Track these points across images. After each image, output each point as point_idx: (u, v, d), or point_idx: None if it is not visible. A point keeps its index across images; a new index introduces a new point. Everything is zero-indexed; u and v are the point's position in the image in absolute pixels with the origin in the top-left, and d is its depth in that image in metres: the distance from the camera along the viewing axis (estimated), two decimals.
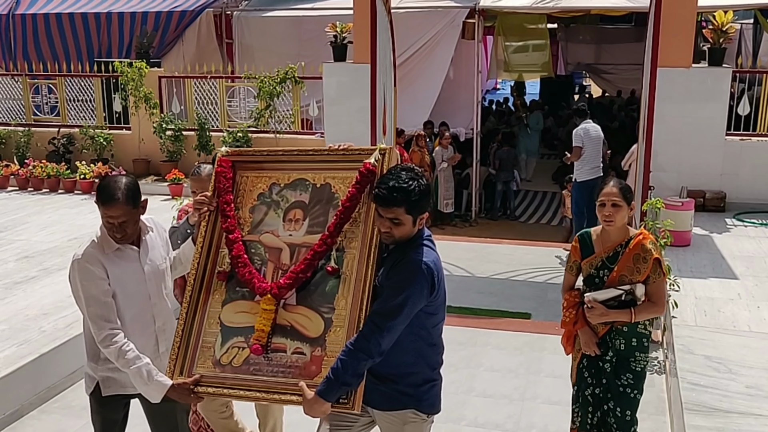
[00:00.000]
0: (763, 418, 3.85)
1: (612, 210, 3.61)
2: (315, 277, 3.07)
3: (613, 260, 3.66)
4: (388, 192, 2.87)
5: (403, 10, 11.69)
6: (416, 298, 2.88)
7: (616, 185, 3.66)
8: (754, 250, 7.01)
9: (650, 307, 3.61)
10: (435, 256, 3.00)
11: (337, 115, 9.30)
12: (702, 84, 8.27)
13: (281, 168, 3.31)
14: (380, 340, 2.84)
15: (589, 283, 3.75)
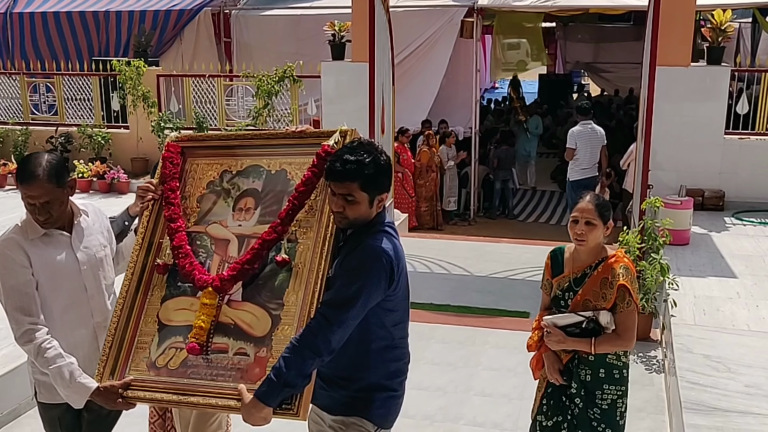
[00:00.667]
0: (762, 417, 3.85)
1: (585, 228, 3.25)
2: (264, 270, 2.80)
3: (579, 282, 3.32)
4: (341, 164, 2.59)
5: (402, 9, 11.69)
6: (372, 289, 2.58)
7: (592, 201, 3.30)
8: (752, 248, 7.00)
9: (614, 340, 3.24)
10: (395, 245, 2.69)
11: (335, 113, 9.27)
12: (701, 83, 8.26)
13: (234, 154, 3.08)
14: (330, 335, 2.53)
15: (555, 305, 3.43)
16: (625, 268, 3.26)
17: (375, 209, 2.68)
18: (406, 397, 4.85)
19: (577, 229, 3.28)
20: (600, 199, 3.35)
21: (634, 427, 4.54)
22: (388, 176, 2.70)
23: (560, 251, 3.49)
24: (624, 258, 3.33)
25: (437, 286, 7.38)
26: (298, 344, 2.52)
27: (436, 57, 12.44)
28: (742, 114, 8.63)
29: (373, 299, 2.60)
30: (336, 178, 2.60)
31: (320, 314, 2.57)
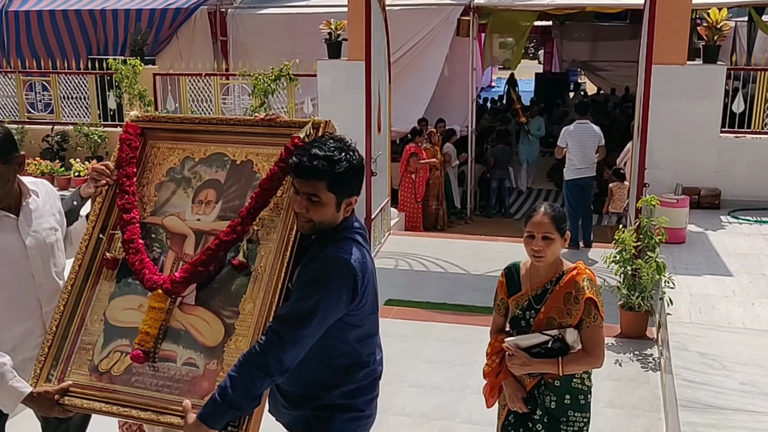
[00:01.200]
0: (757, 415, 3.86)
1: (542, 244, 3.01)
2: (221, 272, 2.55)
3: (540, 299, 3.09)
4: (308, 159, 2.34)
5: (398, 8, 11.69)
6: (331, 305, 2.34)
7: (547, 213, 3.05)
8: (748, 247, 7.02)
9: (583, 358, 3.03)
10: (363, 254, 2.45)
11: (331, 112, 9.27)
12: (696, 81, 8.27)
13: (199, 139, 2.81)
14: (282, 354, 2.27)
15: (514, 326, 3.18)
16: (589, 281, 3.05)
17: (342, 213, 2.45)
18: (403, 395, 4.88)
19: (533, 245, 3.04)
20: (555, 210, 3.11)
21: (630, 425, 4.55)
22: (360, 178, 2.47)
23: (515, 268, 3.24)
24: (586, 270, 3.12)
25: (434, 285, 7.38)
26: (246, 362, 2.28)
27: (432, 55, 12.44)
28: (738, 112, 8.64)
29: (333, 315, 2.37)
30: (301, 175, 2.36)
31: (272, 331, 2.31)
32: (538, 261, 3.06)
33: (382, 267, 7.99)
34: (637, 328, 5.73)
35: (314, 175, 2.34)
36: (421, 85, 12.52)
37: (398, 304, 6.79)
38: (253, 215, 2.55)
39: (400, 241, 8.94)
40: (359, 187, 2.51)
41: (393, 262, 8.17)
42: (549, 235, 3.02)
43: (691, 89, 8.25)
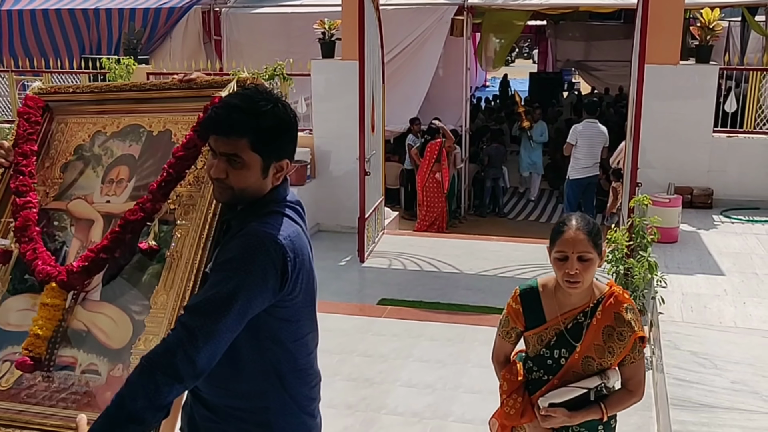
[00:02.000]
0: (747, 413, 3.87)
1: (579, 267, 2.53)
2: (132, 261, 2.16)
3: (573, 335, 2.63)
4: (225, 111, 1.95)
5: (392, 7, 11.69)
6: (254, 290, 1.91)
7: (582, 228, 2.56)
8: (740, 246, 7.04)
9: (627, 399, 2.70)
10: (296, 232, 2.05)
11: (325, 111, 9.29)
12: (689, 81, 8.30)
13: (112, 111, 2.45)
14: (193, 353, 1.81)
15: (537, 363, 2.72)
16: (632, 311, 2.62)
17: (271, 180, 2.05)
18: (395, 394, 4.89)
19: (568, 269, 2.53)
20: (590, 223, 2.62)
21: (621, 424, 4.53)
22: (292, 138, 2.07)
23: (533, 292, 2.72)
24: (624, 294, 2.66)
25: (427, 284, 7.39)
26: (149, 364, 1.81)
27: (426, 55, 12.45)
28: (731, 112, 8.67)
29: (257, 304, 1.94)
30: (218, 130, 1.95)
31: (181, 324, 1.86)
32: (573, 288, 2.56)
33: (376, 266, 8.01)
34: None
35: (233, 129, 1.93)
36: (415, 84, 12.53)
37: (391, 303, 6.80)
38: (165, 190, 2.17)
39: (394, 241, 8.94)
40: (292, 150, 2.09)
41: (386, 261, 8.18)
42: (587, 255, 2.53)
43: (684, 89, 8.28)
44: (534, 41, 28.20)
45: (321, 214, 9.34)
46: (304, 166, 9.06)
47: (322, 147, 9.37)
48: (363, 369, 5.28)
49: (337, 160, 9.32)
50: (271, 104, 1.99)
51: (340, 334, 5.89)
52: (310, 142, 9.43)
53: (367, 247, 8.22)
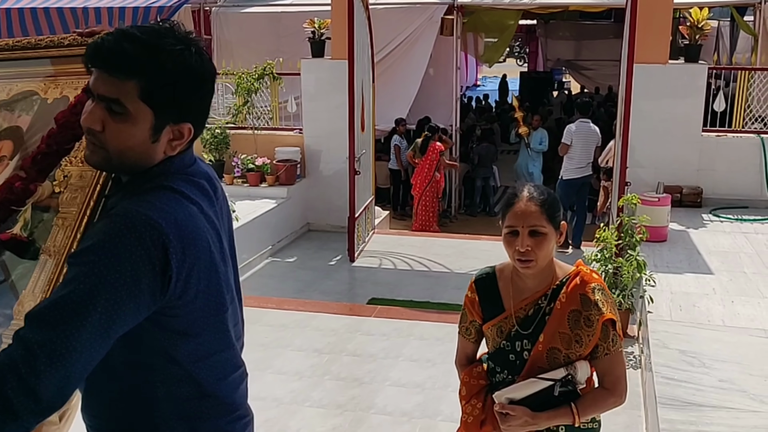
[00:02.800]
0: (734, 411, 3.89)
1: (531, 242, 2.20)
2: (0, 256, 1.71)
3: (532, 324, 2.30)
4: (115, 39, 1.46)
5: (382, 6, 11.68)
6: (120, 292, 1.38)
7: (534, 198, 2.24)
8: (729, 245, 7.07)
9: (602, 398, 2.29)
10: (188, 213, 1.52)
11: (315, 111, 9.28)
12: (678, 80, 8.33)
13: (3, 75, 2.03)
14: (32, 380, 1.31)
15: (499, 361, 2.39)
16: (600, 291, 2.26)
17: (163, 148, 1.55)
18: (385, 394, 4.89)
19: (518, 245, 2.21)
20: (544, 192, 2.30)
21: (610, 422, 4.56)
22: (203, 94, 1.59)
23: (489, 277, 2.41)
24: (592, 274, 2.31)
25: (417, 283, 7.40)
26: None
27: (416, 54, 12.44)
28: (719, 111, 8.70)
29: (127, 312, 1.41)
30: (99, 62, 1.46)
31: (19, 341, 1.35)
32: (526, 267, 2.24)
33: (366, 266, 8.00)
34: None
35: (121, 64, 1.44)
36: (406, 83, 12.52)
37: (381, 303, 6.79)
38: (41, 166, 1.73)
39: (385, 240, 8.94)
40: (199, 113, 1.61)
41: (377, 260, 8.17)
42: (539, 229, 2.21)
43: (673, 88, 8.31)
44: (524, 40, 28.23)
45: (311, 213, 9.33)
46: (294, 165, 9.05)
47: (312, 146, 9.36)
48: (352, 368, 5.28)
49: (327, 159, 9.30)
50: (182, 46, 1.51)
51: (329, 333, 5.88)
52: (300, 141, 9.42)
53: (358, 246, 8.21)
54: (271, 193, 8.83)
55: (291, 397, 4.81)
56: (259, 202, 8.56)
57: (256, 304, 6.47)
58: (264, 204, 8.49)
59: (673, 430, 3.75)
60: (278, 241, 8.58)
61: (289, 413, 4.61)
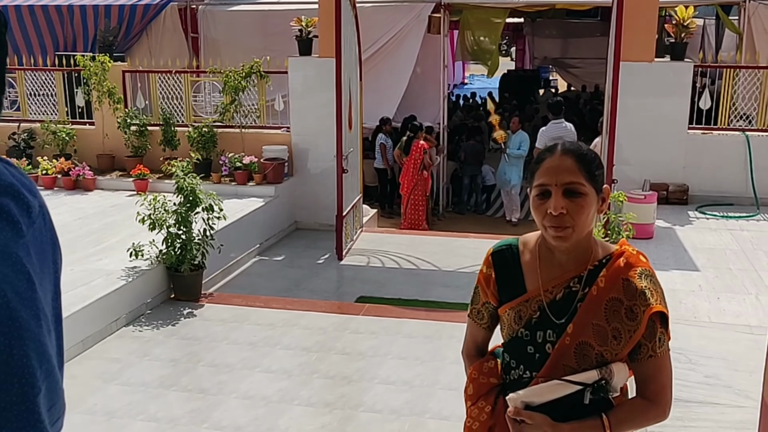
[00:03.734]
0: (720, 407, 3.92)
1: (566, 203, 1.78)
2: None
3: (563, 310, 1.88)
4: None
5: (369, 5, 11.68)
6: None
7: (571, 151, 1.83)
8: (715, 242, 7.12)
9: (643, 410, 1.88)
10: None
11: (303, 109, 9.27)
12: (664, 78, 8.38)
13: None
14: None
15: (514, 353, 1.97)
16: (648, 277, 1.86)
17: None
18: (373, 392, 4.90)
19: (551, 207, 1.78)
20: (583, 147, 1.89)
21: None
22: None
23: (510, 251, 1.98)
24: (639, 256, 1.90)
25: (405, 282, 7.41)
26: None
27: (404, 52, 12.46)
28: (705, 109, 8.76)
29: None
30: None
31: None
32: (560, 237, 1.81)
33: (354, 264, 8.00)
34: None
35: None
36: (394, 82, 12.54)
37: (370, 301, 6.80)
38: None
39: (373, 238, 8.94)
40: None
41: (365, 259, 8.18)
42: (578, 188, 1.79)
43: (659, 86, 8.36)
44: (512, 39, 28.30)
45: (299, 211, 9.32)
46: (281, 163, 9.03)
47: (299, 144, 9.35)
48: (341, 367, 5.28)
49: (314, 157, 9.30)
50: None
51: (317, 332, 5.88)
52: (287, 139, 9.41)
53: (346, 244, 8.21)
54: (258, 191, 8.81)
55: (279, 396, 4.80)
56: (247, 200, 8.55)
57: (244, 303, 6.47)
58: (251, 203, 8.48)
59: (660, 426, 3.76)
60: (266, 240, 8.57)
61: (278, 412, 4.61)
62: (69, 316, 5.22)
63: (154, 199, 6.23)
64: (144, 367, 5.18)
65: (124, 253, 6.25)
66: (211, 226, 6.37)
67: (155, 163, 9.54)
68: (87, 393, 4.77)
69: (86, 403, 4.65)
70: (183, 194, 6.24)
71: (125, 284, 5.88)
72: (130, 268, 6.16)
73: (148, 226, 6.16)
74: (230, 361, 5.31)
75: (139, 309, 6.03)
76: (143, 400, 4.69)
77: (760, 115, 8.78)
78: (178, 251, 6.27)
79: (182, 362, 5.28)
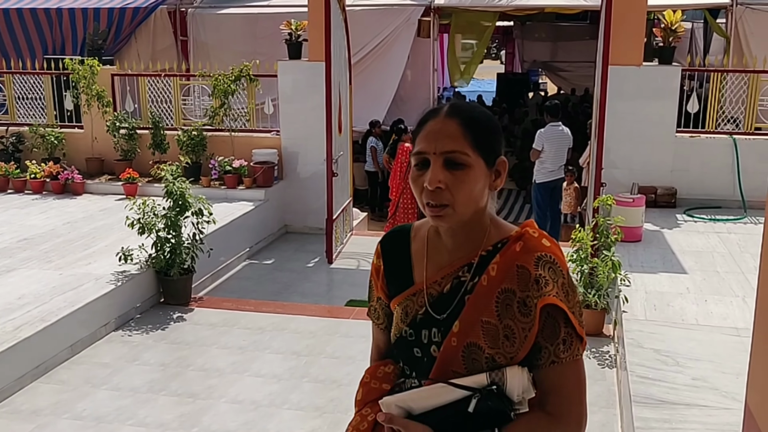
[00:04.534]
0: (707, 409, 3.94)
1: (446, 176, 1.53)
2: None
3: (449, 303, 1.61)
4: None
5: (359, 8, 11.70)
6: None
7: (457, 114, 1.57)
8: (702, 245, 7.16)
9: (546, 427, 1.55)
10: None
11: (292, 113, 9.27)
12: (652, 82, 8.42)
13: None
14: None
15: (403, 355, 1.71)
16: (548, 263, 1.55)
17: None
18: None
19: (428, 181, 1.53)
20: (475, 110, 1.61)
21: None
22: None
23: (399, 236, 1.74)
24: (541, 240, 1.58)
25: None
26: None
27: (394, 56, 12.49)
28: (693, 112, 8.81)
29: None
30: None
31: None
32: (438, 216, 1.55)
33: (344, 267, 8.01)
34: (593, 325, 5.82)
35: None
36: (384, 85, 12.56)
37: (360, 305, 6.79)
38: None
39: (363, 242, 8.95)
40: None
41: (355, 262, 8.18)
42: (459, 157, 1.53)
43: (647, 90, 8.40)
44: (501, 42, 28.36)
45: (289, 215, 9.32)
46: (271, 167, 9.03)
47: (289, 148, 9.35)
48: (330, 371, 5.28)
49: (304, 161, 9.30)
50: None
51: (307, 335, 5.88)
52: (277, 143, 9.41)
53: (336, 248, 8.22)
54: (248, 195, 8.80)
55: (269, 400, 4.80)
56: (237, 204, 8.54)
57: (233, 307, 6.46)
58: (241, 206, 8.47)
59: (648, 429, 3.80)
60: (256, 243, 8.57)
61: (268, 416, 4.61)
62: (58, 320, 5.21)
63: (144, 203, 6.22)
64: (133, 371, 5.17)
65: (113, 257, 6.24)
66: (201, 230, 6.36)
67: (144, 167, 9.52)
68: (76, 398, 4.76)
69: (75, 408, 4.63)
70: (172, 198, 6.24)
71: (114, 288, 5.87)
72: (120, 272, 6.14)
73: (138, 230, 6.14)
74: (220, 365, 5.31)
75: (128, 313, 6.01)
76: (132, 405, 4.68)
77: (748, 119, 8.84)
78: (168, 255, 6.26)
79: (172, 366, 5.27)
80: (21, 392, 4.81)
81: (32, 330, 4.99)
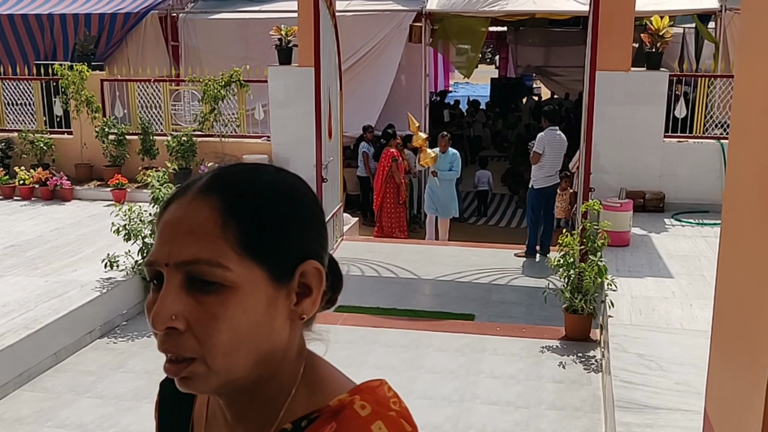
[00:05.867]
0: (690, 414, 3.94)
1: (187, 306, 0.87)
2: None
3: None
4: None
5: (351, 14, 11.72)
6: None
7: (217, 190, 0.90)
8: (689, 249, 7.17)
9: None
10: None
11: (283, 118, 9.27)
12: (641, 87, 8.45)
13: None
14: None
15: None
16: None
17: None
18: None
19: (151, 316, 0.87)
20: (254, 182, 0.97)
21: (570, 426, 4.62)
22: None
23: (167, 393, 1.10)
24: (373, 421, 0.90)
25: (384, 290, 7.40)
26: None
27: (385, 61, 12.49)
28: (680, 117, 8.84)
29: None
30: None
31: None
32: (182, 382, 0.89)
33: None
34: (580, 330, 5.82)
35: None
36: (376, 90, 12.56)
37: (348, 311, 6.78)
38: None
39: (353, 247, 8.94)
40: None
41: (345, 267, 8.05)
42: (207, 272, 0.87)
43: (636, 95, 8.43)
44: (495, 47, 28.43)
45: None
46: None
47: (280, 154, 9.35)
48: None
49: (295, 166, 9.21)
50: None
51: None
52: (267, 148, 9.41)
53: None
54: None
55: None
56: None
57: None
58: None
59: None
60: None
61: None
62: (43, 327, 5.20)
63: (129, 209, 6.21)
64: (118, 379, 5.16)
65: (99, 264, 6.22)
66: None
67: (134, 173, 9.51)
68: (59, 406, 4.74)
69: (58, 417, 4.62)
70: (159, 204, 6.23)
71: (100, 296, 5.85)
72: (105, 279, 6.13)
73: (123, 236, 6.13)
74: None
75: (113, 321, 6.00)
76: (116, 413, 4.67)
77: None
78: None
79: (156, 374, 5.25)
80: (4, 400, 4.79)
81: (16, 337, 4.98)
